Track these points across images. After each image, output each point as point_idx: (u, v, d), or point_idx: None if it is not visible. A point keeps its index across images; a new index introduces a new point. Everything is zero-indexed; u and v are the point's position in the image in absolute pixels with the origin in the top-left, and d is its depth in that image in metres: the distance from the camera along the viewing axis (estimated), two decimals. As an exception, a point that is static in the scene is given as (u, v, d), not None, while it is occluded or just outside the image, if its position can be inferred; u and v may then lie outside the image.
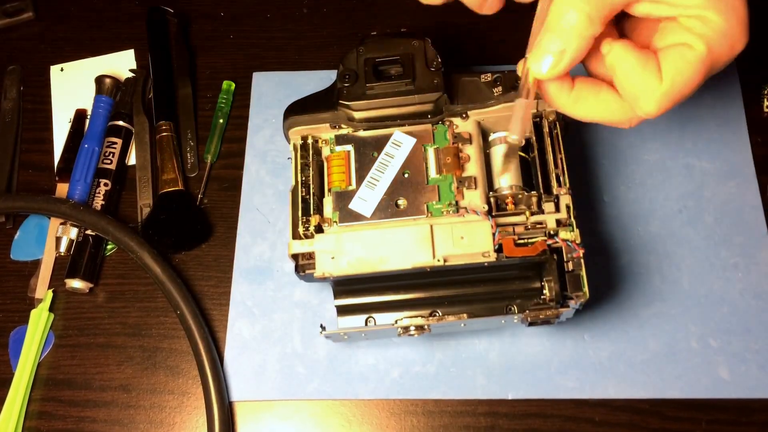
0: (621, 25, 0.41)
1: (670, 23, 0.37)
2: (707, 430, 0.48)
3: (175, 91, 0.59)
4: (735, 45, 0.36)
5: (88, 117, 0.59)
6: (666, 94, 0.36)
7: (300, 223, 0.46)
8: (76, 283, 0.53)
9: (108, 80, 0.59)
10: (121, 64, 0.62)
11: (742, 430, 0.47)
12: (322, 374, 0.50)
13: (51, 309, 0.53)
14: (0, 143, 0.59)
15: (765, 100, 0.56)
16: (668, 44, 0.37)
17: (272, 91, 0.60)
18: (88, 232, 0.54)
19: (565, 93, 0.39)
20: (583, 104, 0.39)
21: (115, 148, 0.57)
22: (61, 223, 0.55)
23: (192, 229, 0.55)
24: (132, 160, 0.58)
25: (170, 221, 0.54)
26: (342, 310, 0.47)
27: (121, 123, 0.58)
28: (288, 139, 0.50)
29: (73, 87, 0.61)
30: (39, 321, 0.52)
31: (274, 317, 0.52)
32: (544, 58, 0.37)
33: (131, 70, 0.61)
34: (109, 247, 0.55)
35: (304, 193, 0.47)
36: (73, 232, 0.55)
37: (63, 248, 0.54)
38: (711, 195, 0.54)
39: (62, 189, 0.57)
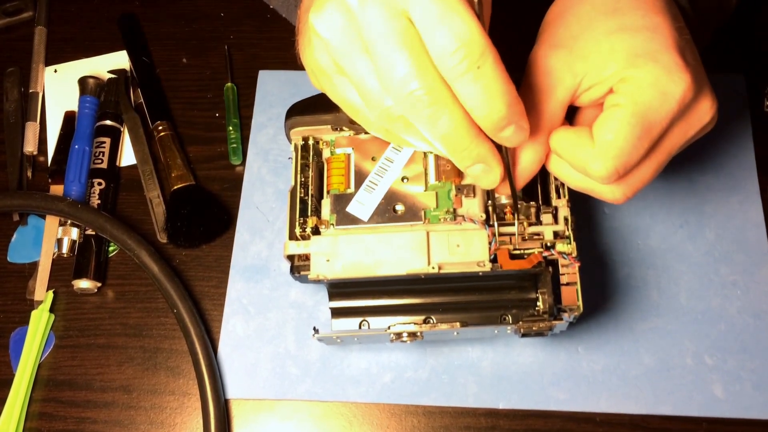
0: None
1: (607, 97, 0.38)
2: (708, 430, 0.48)
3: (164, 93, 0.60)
4: (667, 91, 0.36)
5: (78, 118, 0.60)
6: (602, 155, 0.36)
7: (297, 224, 0.46)
8: (83, 283, 0.53)
9: (91, 81, 0.60)
10: (115, 65, 0.62)
11: (744, 429, 0.47)
12: (314, 375, 0.50)
13: (51, 310, 0.53)
14: (8, 145, 0.59)
15: (765, 99, 0.56)
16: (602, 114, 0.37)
17: (277, 89, 0.60)
18: (89, 232, 0.55)
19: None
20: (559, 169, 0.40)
21: (104, 147, 0.57)
22: (61, 225, 0.55)
23: (215, 217, 0.55)
24: (124, 160, 0.58)
25: (192, 214, 0.55)
26: (336, 313, 0.47)
27: (108, 122, 0.58)
28: (289, 139, 0.50)
29: (66, 89, 0.61)
30: (39, 322, 0.52)
31: (268, 316, 0.52)
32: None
33: (110, 72, 0.61)
34: (111, 248, 0.55)
35: (302, 194, 0.47)
36: (74, 233, 0.55)
37: (65, 249, 0.54)
38: (713, 211, 0.53)
39: (56, 191, 0.57)
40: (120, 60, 0.62)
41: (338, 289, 0.46)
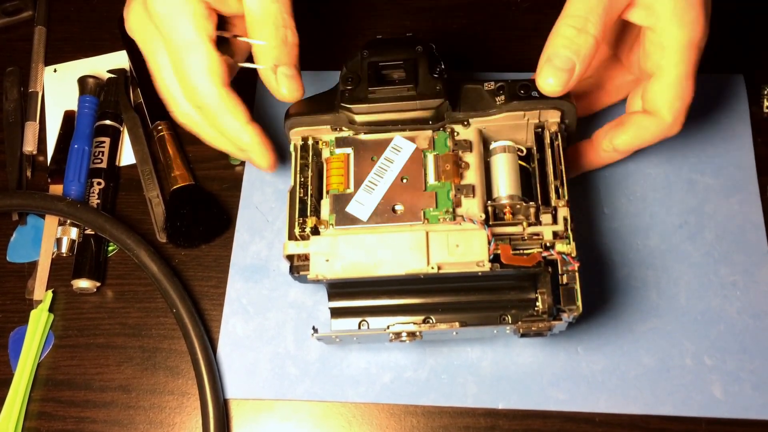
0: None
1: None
2: (708, 431, 0.47)
3: None
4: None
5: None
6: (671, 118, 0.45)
7: (296, 224, 0.46)
8: (83, 283, 0.53)
9: (91, 80, 0.60)
10: (114, 65, 0.62)
11: (743, 430, 0.47)
12: (313, 375, 0.50)
13: (51, 309, 0.53)
14: (8, 144, 0.59)
15: (765, 100, 0.56)
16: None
17: (276, 89, 0.59)
18: (88, 231, 0.55)
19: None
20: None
21: (103, 147, 0.57)
22: (60, 224, 0.55)
23: (215, 218, 0.55)
24: (123, 160, 0.59)
25: (191, 214, 0.55)
26: (335, 313, 0.47)
27: (108, 122, 0.58)
28: (289, 139, 0.50)
29: (66, 88, 0.61)
30: (39, 321, 0.52)
31: (268, 316, 0.52)
32: (554, 73, 0.43)
33: (110, 71, 0.61)
34: (110, 248, 0.55)
35: (302, 194, 0.47)
36: (74, 233, 0.55)
37: (65, 248, 0.54)
38: (713, 211, 0.53)
39: (55, 191, 0.57)
40: (120, 60, 0.62)
41: (337, 289, 0.46)
